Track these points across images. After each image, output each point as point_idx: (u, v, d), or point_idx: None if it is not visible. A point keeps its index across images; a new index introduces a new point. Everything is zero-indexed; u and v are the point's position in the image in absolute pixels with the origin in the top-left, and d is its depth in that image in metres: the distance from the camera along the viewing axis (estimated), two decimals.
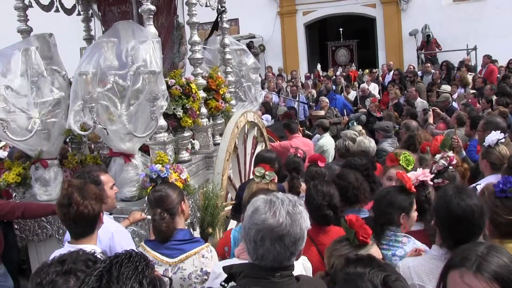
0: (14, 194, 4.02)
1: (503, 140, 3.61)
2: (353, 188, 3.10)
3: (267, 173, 3.12)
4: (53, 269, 1.59)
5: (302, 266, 2.31)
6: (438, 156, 3.15)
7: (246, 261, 1.98)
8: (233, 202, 2.99)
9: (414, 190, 2.67)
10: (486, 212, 2.19)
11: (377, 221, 2.66)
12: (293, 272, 1.68)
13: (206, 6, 4.70)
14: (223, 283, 1.70)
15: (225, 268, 1.75)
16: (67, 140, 4.40)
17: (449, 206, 2.15)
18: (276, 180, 3.19)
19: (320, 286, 1.85)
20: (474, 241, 2.08)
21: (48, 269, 1.60)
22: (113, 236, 2.77)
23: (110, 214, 3.05)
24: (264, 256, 1.59)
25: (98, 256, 1.69)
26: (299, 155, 4.25)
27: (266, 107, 10.25)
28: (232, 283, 1.69)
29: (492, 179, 3.42)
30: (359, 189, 3.12)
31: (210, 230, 2.91)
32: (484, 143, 3.71)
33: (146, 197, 2.82)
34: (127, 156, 3.59)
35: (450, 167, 3.08)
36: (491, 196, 2.35)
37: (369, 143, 5.02)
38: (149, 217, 3.29)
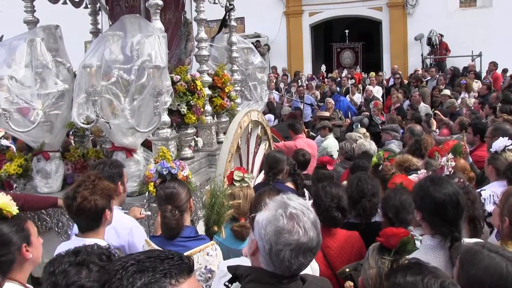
0: (15, 185, 4.00)
1: (510, 147, 3.59)
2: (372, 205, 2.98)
3: (246, 175, 3.09)
4: (66, 259, 1.62)
5: (310, 268, 2.27)
6: (444, 159, 3.13)
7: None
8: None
9: None
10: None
11: None
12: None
13: (215, 3, 4.68)
14: (227, 283, 1.67)
15: (230, 268, 1.70)
16: (70, 133, 4.38)
17: (432, 195, 2.21)
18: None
19: (326, 285, 1.81)
20: (461, 221, 2.19)
21: (62, 259, 1.63)
22: (132, 231, 2.76)
23: (122, 209, 3.03)
24: (290, 268, 1.52)
25: (113, 251, 1.71)
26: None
27: (269, 107, 10.22)
28: (237, 284, 1.65)
29: (496, 185, 3.41)
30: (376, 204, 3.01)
31: (216, 228, 2.88)
32: (491, 149, 3.70)
33: (156, 193, 2.80)
34: (129, 151, 3.57)
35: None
36: None
37: (370, 146, 5.03)
38: (149, 213, 3.28)
